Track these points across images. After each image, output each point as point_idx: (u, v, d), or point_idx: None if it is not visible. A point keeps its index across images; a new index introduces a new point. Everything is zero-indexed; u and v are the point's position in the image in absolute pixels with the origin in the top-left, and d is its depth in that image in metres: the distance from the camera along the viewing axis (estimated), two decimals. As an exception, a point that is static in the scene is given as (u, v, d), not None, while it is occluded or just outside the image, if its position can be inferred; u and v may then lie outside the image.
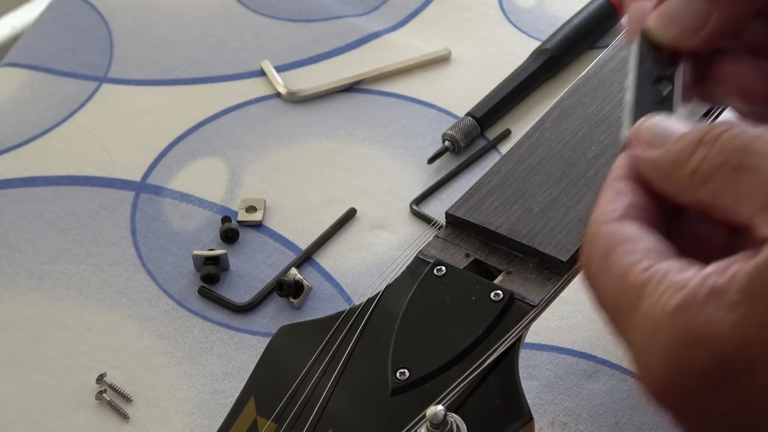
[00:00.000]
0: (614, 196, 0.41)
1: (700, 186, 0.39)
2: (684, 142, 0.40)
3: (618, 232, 0.39)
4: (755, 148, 0.38)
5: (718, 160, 0.38)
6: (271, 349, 0.56)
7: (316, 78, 0.78)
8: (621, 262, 0.39)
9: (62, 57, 0.80)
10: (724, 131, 0.39)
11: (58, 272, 0.66)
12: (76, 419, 0.59)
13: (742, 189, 0.38)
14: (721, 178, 0.38)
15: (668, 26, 0.46)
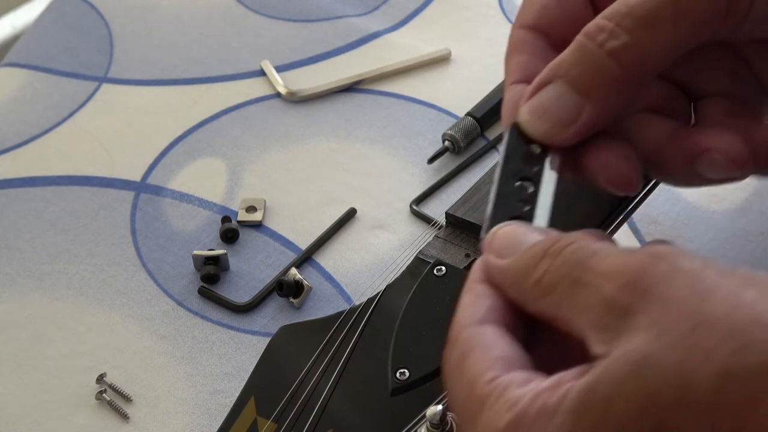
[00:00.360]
0: (474, 299, 0.41)
1: (542, 297, 0.39)
2: (531, 253, 0.40)
3: (474, 338, 0.40)
4: (590, 264, 0.38)
5: (559, 274, 0.38)
6: (271, 349, 0.56)
7: (316, 78, 0.78)
8: (472, 370, 0.39)
9: (62, 57, 0.80)
10: (567, 244, 0.39)
11: (58, 272, 0.66)
12: (76, 419, 0.59)
13: (578, 304, 0.38)
14: (561, 291, 0.38)
15: (540, 120, 0.45)
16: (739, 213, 0.68)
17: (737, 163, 0.45)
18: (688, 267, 0.36)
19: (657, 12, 0.43)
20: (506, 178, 0.44)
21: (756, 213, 0.68)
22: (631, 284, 0.36)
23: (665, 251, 0.37)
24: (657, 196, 0.68)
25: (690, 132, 0.46)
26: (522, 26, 0.50)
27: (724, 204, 0.68)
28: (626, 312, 0.36)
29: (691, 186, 0.49)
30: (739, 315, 0.34)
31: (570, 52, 0.45)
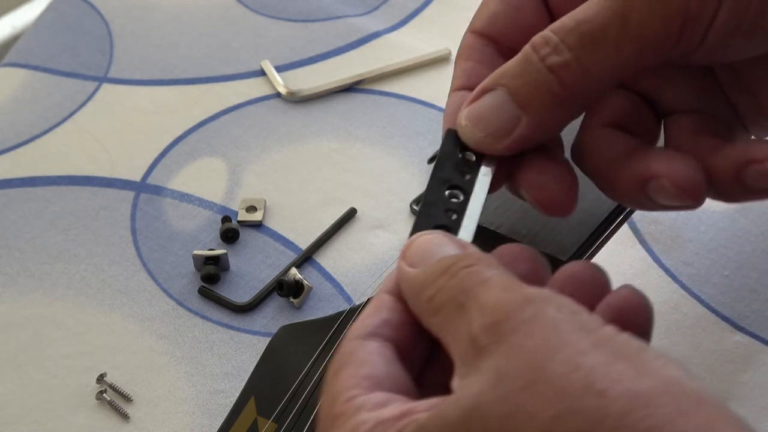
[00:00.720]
0: (373, 310, 0.40)
1: (432, 315, 0.39)
2: (434, 268, 0.39)
3: (355, 351, 0.39)
4: (474, 293, 0.37)
5: (449, 295, 0.38)
6: (272, 349, 0.56)
7: (316, 78, 0.78)
8: (338, 385, 0.38)
9: (62, 57, 0.80)
10: (466, 266, 0.38)
11: (58, 272, 0.66)
12: (76, 419, 0.60)
13: (455, 331, 0.37)
14: (446, 313, 0.38)
15: (476, 127, 0.44)
16: (739, 213, 0.68)
17: (687, 192, 0.43)
18: (550, 317, 0.35)
19: (602, 31, 0.42)
20: (437, 185, 0.43)
21: (756, 213, 0.68)
22: (494, 325, 0.36)
23: (538, 296, 0.36)
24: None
25: (643, 154, 0.44)
26: (472, 31, 0.48)
27: (724, 204, 0.68)
28: (481, 353, 0.36)
29: (643, 209, 0.47)
30: (574, 378, 0.33)
31: (514, 62, 0.44)
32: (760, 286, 0.64)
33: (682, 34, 0.42)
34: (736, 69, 0.46)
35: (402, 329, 0.40)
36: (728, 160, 0.43)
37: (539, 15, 0.47)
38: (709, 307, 0.63)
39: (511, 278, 0.38)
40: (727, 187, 0.44)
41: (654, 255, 0.66)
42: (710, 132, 0.45)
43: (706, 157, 0.44)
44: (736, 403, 0.59)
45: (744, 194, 0.44)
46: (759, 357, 0.61)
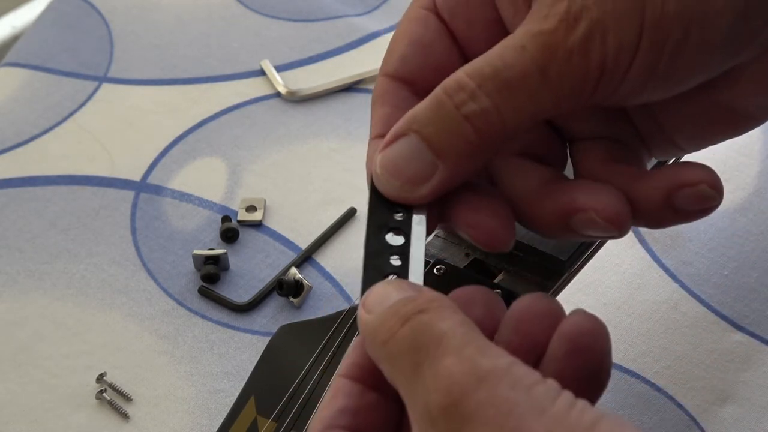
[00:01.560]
0: (331, 399, 0.40)
1: (387, 362, 0.38)
2: (387, 311, 0.38)
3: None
4: (431, 355, 0.36)
5: (404, 346, 0.37)
6: (271, 349, 0.56)
7: (316, 78, 0.78)
8: None
9: (62, 57, 0.80)
10: (418, 311, 0.37)
11: (58, 272, 0.67)
12: (76, 419, 0.60)
13: (414, 393, 0.37)
14: (401, 368, 0.37)
15: (392, 178, 0.42)
16: (739, 213, 0.68)
17: (615, 223, 0.42)
18: (504, 398, 0.35)
19: (522, 81, 0.40)
20: (374, 233, 0.42)
21: (756, 213, 0.68)
22: (450, 408, 0.35)
23: (492, 372, 0.35)
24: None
25: (565, 187, 0.43)
26: (384, 75, 0.46)
27: (724, 204, 0.68)
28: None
29: (563, 239, 0.47)
30: None
31: (427, 106, 0.42)
32: (760, 286, 0.64)
33: (598, 86, 0.41)
34: None
35: (360, 414, 0.39)
36: (655, 187, 0.43)
37: (450, 53, 0.46)
38: (709, 306, 0.63)
39: (467, 333, 0.37)
40: (655, 214, 0.43)
41: (654, 255, 0.66)
42: (623, 159, 0.45)
43: (628, 186, 0.43)
44: (736, 402, 0.59)
45: (674, 218, 0.44)
46: (759, 357, 0.61)
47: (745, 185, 0.69)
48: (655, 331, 0.62)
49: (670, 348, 0.61)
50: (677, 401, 0.59)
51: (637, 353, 0.61)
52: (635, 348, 0.61)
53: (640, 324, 0.62)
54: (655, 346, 0.62)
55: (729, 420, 0.58)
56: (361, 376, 0.40)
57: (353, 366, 0.40)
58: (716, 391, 0.60)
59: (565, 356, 0.38)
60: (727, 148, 0.72)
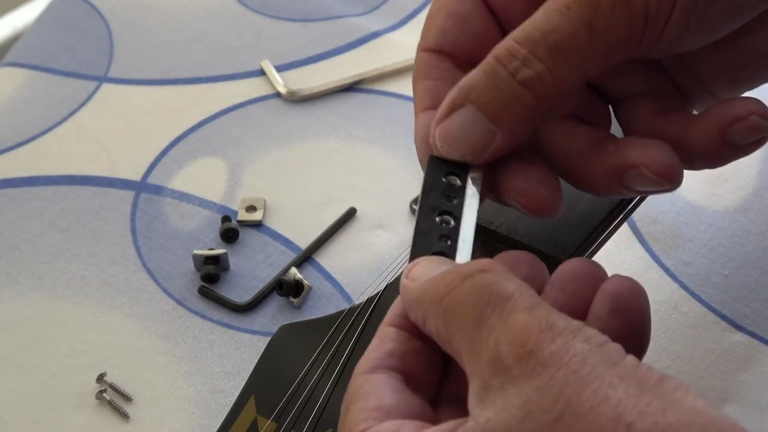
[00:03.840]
0: (378, 343, 0.41)
1: (441, 316, 0.39)
2: (442, 274, 0.40)
3: (363, 385, 0.40)
4: (500, 310, 0.37)
5: (465, 300, 0.38)
6: (271, 349, 0.56)
7: (316, 78, 0.78)
8: (350, 420, 0.39)
9: (62, 57, 0.80)
10: (481, 270, 0.38)
11: (58, 272, 0.67)
12: (76, 419, 0.60)
13: (473, 345, 0.37)
14: (461, 320, 0.38)
15: (452, 149, 0.44)
16: (739, 213, 0.68)
17: (667, 177, 0.44)
18: (579, 350, 0.35)
19: (571, 40, 0.42)
20: (426, 213, 0.43)
21: (756, 213, 0.68)
22: (525, 356, 0.36)
23: (567, 327, 0.36)
24: (657, 196, 0.68)
25: (615, 144, 0.45)
26: (425, 49, 0.48)
27: (724, 204, 0.68)
28: (507, 380, 0.36)
29: (614, 196, 0.48)
30: (603, 411, 0.34)
31: (481, 76, 0.43)
32: (760, 286, 0.64)
33: (644, 33, 0.42)
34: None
35: (407, 357, 0.40)
36: (708, 128, 0.44)
37: (488, 24, 0.47)
38: (709, 306, 0.63)
39: (534, 296, 0.38)
40: (712, 153, 0.45)
41: (654, 255, 0.66)
42: (672, 109, 0.46)
43: (680, 133, 0.45)
44: (736, 402, 0.59)
45: (731, 154, 0.45)
46: (759, 357, 0.61)
47: (745, 185, 0.69)
48: (655, 331, 0.62)
49: (670, 348, 0.61)
50: (677, 401, 0.59)
51: (637, 353, 0.61)
52: (635, 348, 0.61)
53: (640, 324, 0.62)
54: (655, 346, 0.61)
55: (729, 420, 0.58)
56: (407, 325, 0.41)
57: (399, 316, 0.41)
58: (716, 391, 0.60)
59: (609, 315, 0.39)
60: (727, 148, 0.72)
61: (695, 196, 0.69)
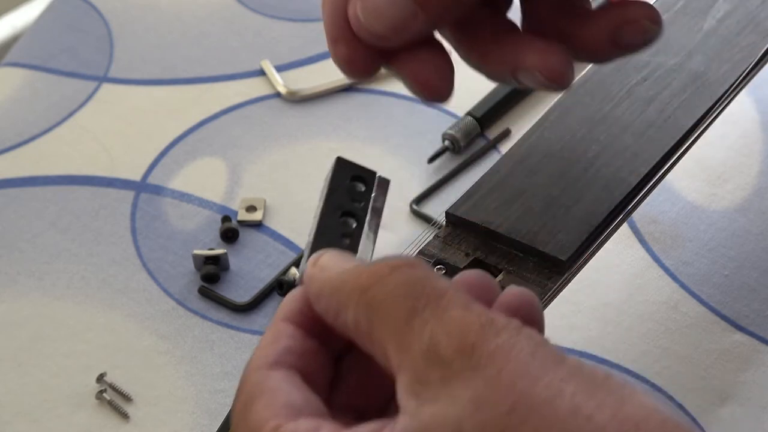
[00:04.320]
0: (273, 339, 0.40)
1: (364, 308, 0.37)
2: (362, 265, 0.38)
3: (263, 382, 0.38)
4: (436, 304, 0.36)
5: (395, 291, 0.37)
6: (271, 349, 0.56)
7: (316, 78, 0.78)
8: (255, 418, 0.37)
9: (62, 57, 0.80)
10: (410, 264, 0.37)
11: (59, 272, 0.66)
12: (76, 419, 0.60)
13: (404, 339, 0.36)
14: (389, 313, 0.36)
15: (375, 21, 0.45)
16: (739, 213, 0.68)
17: (557, 80, 0.46)
18: (525, 344, 0.35)
19: None
20: (330, 211, 0.44)
21: (756, 213, 0.68)
22: (468, 349, 0.35)
23: (510, 323, 0.35)
24: (657, 196, 0.68)
25: (514, 42, 0.47)
26: None
27: (724, 204, 0.68)
28: (449, 374, 0.35)
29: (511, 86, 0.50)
30: (559, 404, 0.33)
31: None
32: (760, 286, 0.64)
33: None
34: None
35: (304, 356, 0.39)
36: (600, 28, 0.47)
37: None
38: (709, 306, 0.63)
39: (467, 296, 0.37)
40: (601, 51, 0.48)
41: (654, 255, 0.66)
42: (568, 4, 0.48)
43: (574, 30, 0.47)
44: (736, 402, 0.59)
45: (619, 52, 0.48)
46: (759, 357, 0.61)
47: (745, 185, 0.69)
48: (655, 331, 0.62)
49: (670, 348, 0.61)
50: (677, 401, 0.59)
51: (637, 353, 0.61)
52: (635, 348, 0.61)
53: (640, 324, 0.62)
54: (655, 346, 0.62)
55: (729, 420, 0.58)
56: (303, 322, 0.40)
57: (295, 312, 0.40)
58: (716, 391, 0.60)
59: None
60: (727, 148, 0.72)
61: (695, 196, 0.69)
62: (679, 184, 0.69)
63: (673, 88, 0.57)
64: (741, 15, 0.61)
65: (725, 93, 0.57)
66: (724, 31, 0.60)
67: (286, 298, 0.41)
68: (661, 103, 0.56)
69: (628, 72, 0.58)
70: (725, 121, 0.72)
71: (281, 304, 0.41)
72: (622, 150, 0.55)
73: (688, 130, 0.55)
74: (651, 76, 0.58)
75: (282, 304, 0.41)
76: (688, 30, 0.60)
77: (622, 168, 0.54)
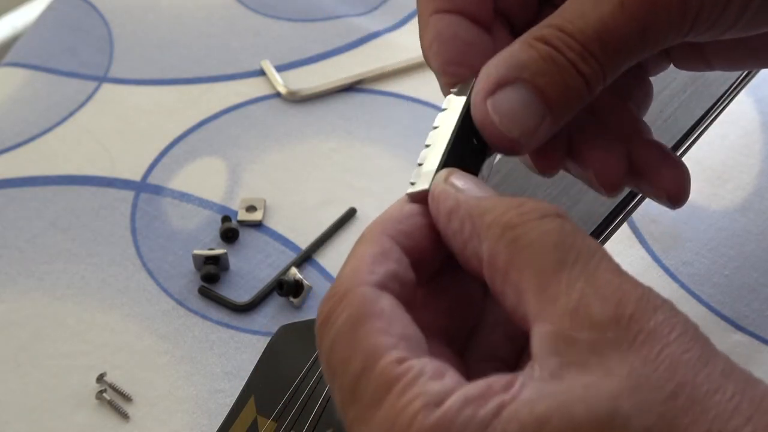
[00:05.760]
0: (377, 256, 0.37)
1: (509, 243, 0.35)
2: (507, 198, 0.37)
3: (374, 302, 0.35)
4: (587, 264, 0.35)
5: (546, 238, 0.35)
6: (271, 349, 0.56)
7: (316, 78, 0.78)
8: (372, 341, 0.34)
9: (62, 57, 0.80)
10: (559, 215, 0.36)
11: (58, 272, 0.67)
12: (76, 419, 0.60)
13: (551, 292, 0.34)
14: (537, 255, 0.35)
15: (511, 126, 0.41)
16: (739, 213, 0.68)
17: (611, 190, 0.44)
18: (685, 330, 0.34)
19: (624, 43, 0.41)
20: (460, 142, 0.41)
21: (756, 213, 0.68)
22: (624, 320, 0.33)
23: (668, 301, 0.35)
24: (657, 196, 0.68)
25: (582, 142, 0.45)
26: None
27: (724, 204, 0.68)
28: (602, 341, 0.33)
29: None
30: (718, 400, 0.32)
31: (536, 57, 0.41)
32: (760, 286, 0.64)
33: (691, 30, 0.41)
34: None
35: (405, 287, 0.37)
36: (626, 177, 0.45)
37: None
38: (709, 306, 0.63)
39: (616, 263, 0.35)
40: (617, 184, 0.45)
41: (654, 255, 0.66)
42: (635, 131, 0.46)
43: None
44: (736, 402, 0.59)
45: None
46: (759, 357, 0.61)
47: (745, 185, 0.69)
48: (655, 331, 0.62)
49: (670, 348, 0.61)
50: (677, 401, 0.59)
51: (637, 353, 0.61)
52: (635, 348, 0.61)
53: (640, 324, 0.62)
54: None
55: (729, 420, 0.58)
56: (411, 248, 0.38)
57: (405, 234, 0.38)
58: (716, 391, 0.59)
59: None
60: (727, 148, 0.72)
61: (695, 196, 0.69)
62: (679, 184, 0.69)
63: (673, 88, 0.57)
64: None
65: (725, 93, 0.57)
66: (724, 31, 0.60)
67: (394, 209, 0.38)
68: (661, 103, 0.56)
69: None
70: (725, 121, 0.72)
71: (386, 214, 0.38)
72: (622, 150, 0.54)
73: (688, 130, 0.55)
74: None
75: (388, 215, 0.38)
76: (688, 30, 0.60)
77: (622, 168, 0.54)
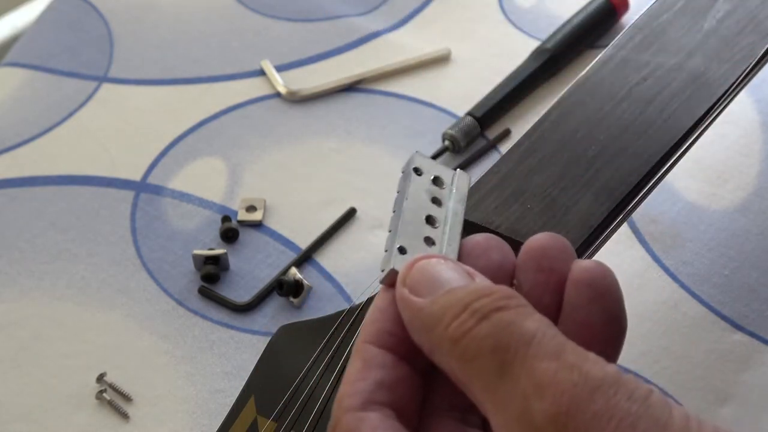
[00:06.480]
0: (360, 372, 0.37)
1: (458, 358, 0.35)
2: (450, 301, 0.36)
3: (358, 427, 0.36)
4: (523, 358, 0.34)
5: (484, 345, 0.35)
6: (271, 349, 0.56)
7: (316, 78, 0.78)
8: None
9: (62, 57, 0.80)
10: (497, 308, 0.35)
11: (58, 272, 0.67)
12: (76, 419, 0.60)
13: (498, 395, 0.34)
14: (482, 367, 0.35)
15: None
16: (739, 213, 0.68)
17: None
18: (625, 411, 0.33)
19: None
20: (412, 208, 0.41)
21: (756, 213, 0.68)
22: (560, 417, 0.33)
23: (605, 381, 0.33)
24: (657, 196, 0.68)
25: None
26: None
27: (724, 204, 0.68)
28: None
29: None
30: None
31: None
32: (760, 286, 0.64)
33: None
34: None
35: (397, 388, 0.37)
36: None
37: None
38: (709, 306, 0.63)
39: (557, 334, 0.35)
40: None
41: (654, 255, 0.66)
42: None
43: None
44: (736, 402, 0.59)
45: None
46: (759, 357, 0.61)
47: (745, 185, 0.69)
48: (655, 331, 0.62)
49: (670, 348, 0.61)
50: (677, 401, 0.59)
51: (637, 353, 0.61)
52: (635, 348, 0.61)
53: (640, 324, 0.62)
54: (655, 346, 0.62)
55: (729, 420, 0.58)
56: (393, 345, 0.38)
57: (383, 333, 0.38)
58: (716, 391, 0.60)
59: (589, 303, 0.37)
60: (726, 148, 0.72)
61: (695, 196, 0.69)
62: (679, 184, 0.69)
63: (673, 88, 0.57)
64: (741, 15, 0.61)
65: (725, 93, 0.57)
66: (724, 31, 0.60)
67: (369, 314, 0.38)
68: (661, 103, 0.56)
69: (628, 72, 0.58)
70: (725, 121, 0.72)
71: (365, 322, 0.38)
72: (622, 150, 0.55)
73: (688, 130, 0.55)
74: (651, 76, 0.58)
75: (366, 322, 0.38)
76: (688, 30, 0.60)
77: (622, 168, 0.54)
